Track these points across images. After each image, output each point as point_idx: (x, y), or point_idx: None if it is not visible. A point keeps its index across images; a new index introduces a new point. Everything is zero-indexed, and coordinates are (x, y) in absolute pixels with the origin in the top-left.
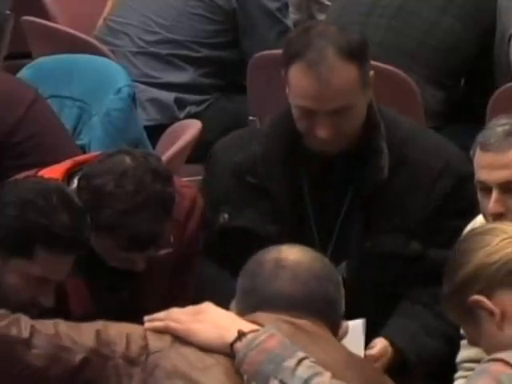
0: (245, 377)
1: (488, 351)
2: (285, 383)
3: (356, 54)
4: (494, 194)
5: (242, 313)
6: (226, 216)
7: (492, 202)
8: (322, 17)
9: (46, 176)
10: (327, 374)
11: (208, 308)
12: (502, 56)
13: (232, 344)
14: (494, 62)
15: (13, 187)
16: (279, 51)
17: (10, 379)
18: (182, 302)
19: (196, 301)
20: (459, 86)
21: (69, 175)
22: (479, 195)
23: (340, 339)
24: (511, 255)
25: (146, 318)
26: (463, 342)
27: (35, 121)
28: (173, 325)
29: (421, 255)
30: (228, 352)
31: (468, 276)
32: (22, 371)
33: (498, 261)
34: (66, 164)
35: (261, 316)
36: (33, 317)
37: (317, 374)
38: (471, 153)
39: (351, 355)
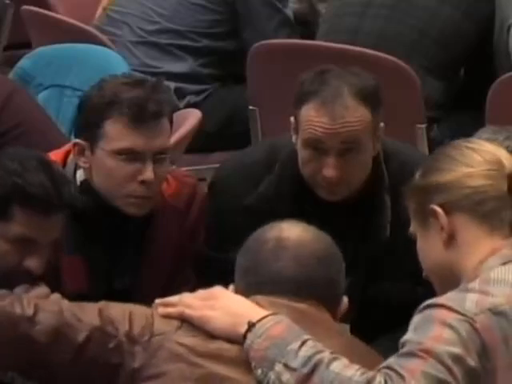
0: (252, 364)
1: (424, 263)
2: (288, 366)
3: (370, 98)
4: None
5: (242, 292)
6: None
7: None
8: (322, 6)
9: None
10: (328, 351)
11: (221, 294)
12: (501, 45)
13: (244, 335)
14: (494, 51)
15: None
16: (279, 41)
17: (16, 356)
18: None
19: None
20: (459, 76)
21: (67, 157)
22: None
23: (340, 314)
24: (488, 188)
25: (157, 301)
26: None
27: (16, 111)
28: (187, 311)
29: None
30: (240, 342)
31: (440, 184)
32: (27, 348)
33: (473, 187)
34: (66, 148)
35: (263, 300)
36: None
37: (318, 352)
38: None
39: (352, 340)
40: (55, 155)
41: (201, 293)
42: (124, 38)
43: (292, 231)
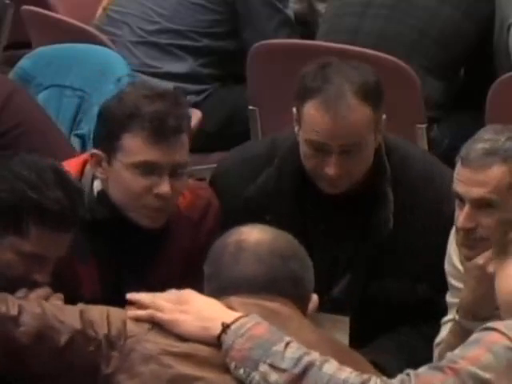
0: (232, 364)
1: (498, 293)
2: (275, 366)
3: (371, 95)
4: (466, 210)
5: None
6: None
7: (462, 217)
8: (321, 6)
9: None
10: (316, 353)
11: (191, 297)
12: (501, 45)
13: (219, 337)
14: (494, 51)
15: (6, 163)
16: (279, 41)
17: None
18: None
19: None
20: (459, 76)
21: (84, 167)
22: (456, 205)
23: (310, 312)
24: None
25: (129, 295)
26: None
27: (16, 111)
28: (158, 315)
29: (428, 299)
30: (214, 343)
31: None
32: (10, 349)
33: None
34: (83, 157)
35: (234, 301)
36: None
37: (306, 354)
38: (456, 159)
39: (322, 335)
40: (73, 164)
41: (172, 295)
42: (124, 37)
43: (251, 233)
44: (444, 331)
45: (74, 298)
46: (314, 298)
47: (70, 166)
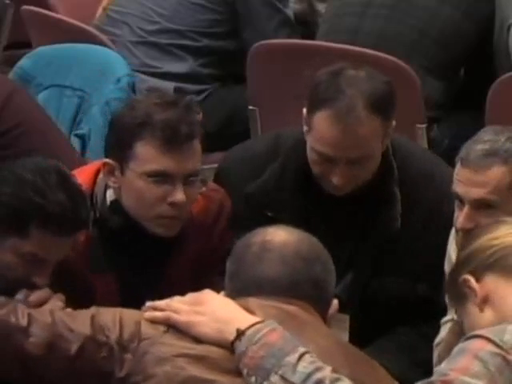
0: (245, 371)
1: (467, 332)
2: (285, 378)
3: (383, 106)
4: (466, 210)
5: (231, 297)
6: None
7: (462, 218)
8: (321, 6)
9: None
10: (328, 369)
11: (208, 298)
12: (501, 45)
13: (233, 342)
14: (494, 51)
15: (11, 164)
16: (279, 41)
17: (7, 365)
18: None
19: None
20: (459, 76)
21: (97, 176)
22: (455, 205)
23: (331, 316)
24: (511, 243)
25: (147, 304)
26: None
27: (16, 111)
28: (174, 316)
29: (427, 298)
30: (227, 347)
31: (465, 256)
32: (20, 358)
33: (495, 245)
34: (96, 166)
35: (251, 302)
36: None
37: (318, 369)
38: (456, 159)
39: (338, 342)
40: (85, 173)
41: (189, 297)
42: (124, 37)
43: (276, 234)
44: (443, 331)
45: (88, 307)
46: (335, 302)
47: (83, 175)
